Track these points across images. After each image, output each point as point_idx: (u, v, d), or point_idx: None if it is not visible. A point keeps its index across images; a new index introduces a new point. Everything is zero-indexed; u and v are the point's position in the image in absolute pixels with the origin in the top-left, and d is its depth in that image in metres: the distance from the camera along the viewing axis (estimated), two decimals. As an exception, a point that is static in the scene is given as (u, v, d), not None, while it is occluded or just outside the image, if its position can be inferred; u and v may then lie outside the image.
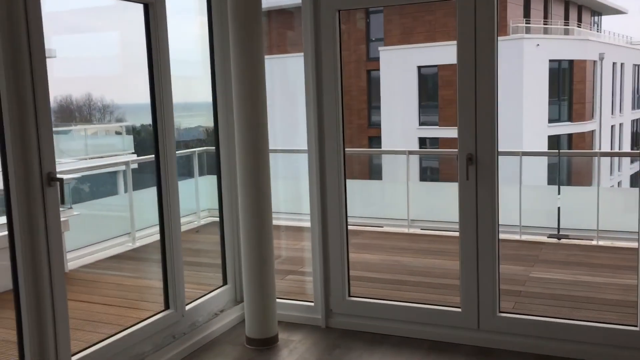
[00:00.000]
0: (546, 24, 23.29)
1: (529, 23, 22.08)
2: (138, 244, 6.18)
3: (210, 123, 4.48)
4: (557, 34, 23.45)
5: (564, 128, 22.20)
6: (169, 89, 3.74)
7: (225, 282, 4.38)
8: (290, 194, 6.08)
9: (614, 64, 24.42)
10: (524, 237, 6.32)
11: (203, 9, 4.22)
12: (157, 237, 3.83)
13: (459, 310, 3.85)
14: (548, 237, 6.31)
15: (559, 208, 6.45)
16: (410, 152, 7.05)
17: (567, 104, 22.56)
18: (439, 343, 3.84)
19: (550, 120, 21.38)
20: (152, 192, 3.81)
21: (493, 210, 3.69)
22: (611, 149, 24.00)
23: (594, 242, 6.09)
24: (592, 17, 28.48)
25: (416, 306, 4.02)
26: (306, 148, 4.11)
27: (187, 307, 3.94)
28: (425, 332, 3.91)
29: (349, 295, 4.16)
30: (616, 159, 22.38)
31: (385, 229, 6.99)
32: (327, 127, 4.05)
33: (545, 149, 20.07)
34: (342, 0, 3.96)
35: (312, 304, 4.25)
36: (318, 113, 4.04)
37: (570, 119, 22.41)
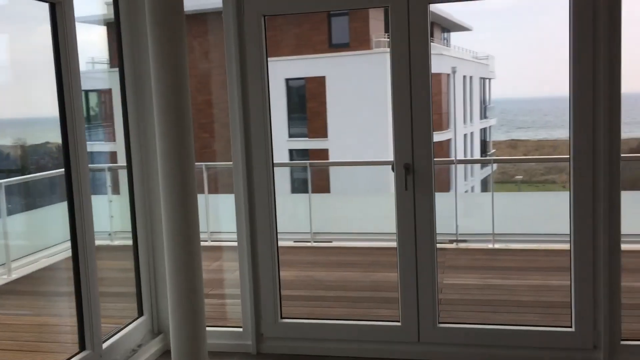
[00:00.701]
0: (403, 40, 24.41)
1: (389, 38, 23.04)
2: (15, 275, 5.47)
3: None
4: (414, 49, 24.63)
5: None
6: (79, 98, 3.31)
7: (141, 313, 3.96)
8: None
9: (464, 77, 26.16)
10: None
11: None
12: (37, 266, 3.34)
13: (399, 324, 3.76)
14: (449, 243, 6.47)
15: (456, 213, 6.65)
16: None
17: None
18: (381, 360, 3.74)
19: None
20: (31, 215, 3.34)
21: (431, 219, 3.64)
22: (464, 156, 25.66)
23: (490, 246, 6.33)
24: (442, 34, 30.41)
25: (353, 323, 3.87)
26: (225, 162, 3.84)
27: (104, 345, 3.49)
28: (365, 349, 3.78)
29: (281, 317, 3.92)
30: (469, 165, 23.98)
31: (289, 243, 6.80)
32: (254, 139, 3.80)
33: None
34: (268, 6, 3.74)
35: (239, 329, 3.96)
36: (244, 125, 3.79)
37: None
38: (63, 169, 3.37)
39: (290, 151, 20.30)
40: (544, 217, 7.26)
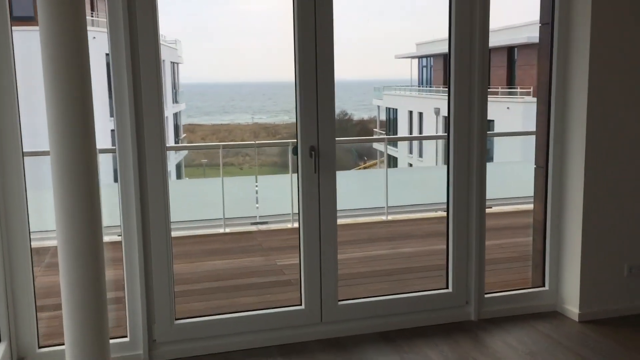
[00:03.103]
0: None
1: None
2: None
3: None
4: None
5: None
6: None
7: (-1, 338, 3.14)
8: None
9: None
10: (229, 230, 6.35)
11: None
12: None
13: (302, 307, 3.72)
14: (251, 225, 6.49)
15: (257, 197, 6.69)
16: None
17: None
18: (287, 346, 3.64)
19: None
20: None
21: (334, 200, 3.69)
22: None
23: (289, 225, 6.55)
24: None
25: (254, 314, 3.69)
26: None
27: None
28: (270, 338, 3.65)
29: (176, 319, 3.52)
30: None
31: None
32: (147, 121, 3.31)
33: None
34: (161, -33, 3.28)
35: (126, 339, 3.43)
36: (135, 104, 3.27)
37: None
38: None
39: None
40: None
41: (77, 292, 2.84)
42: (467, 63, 3.77)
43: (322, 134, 3.59)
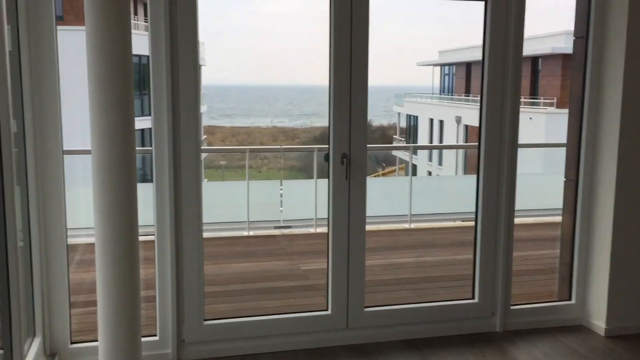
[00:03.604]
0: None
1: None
2: None
3: None
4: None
5: (149, 122, 22.69)
6: None
7: (33, 334, 3.20)
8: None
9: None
10: (252, 232, 6.40)
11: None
12: None
13: (328, 312, 3.75)
14: (274, 229, 6.53)
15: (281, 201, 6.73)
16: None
17: (148, 98, 23.11)
18: (313, 350, 3.67)
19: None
20: None
21: (364, 207, 3.71)
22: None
23: (312, 230, 6.58)
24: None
25: (281, 317, 3.72)
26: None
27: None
28: (296, 342, 3.67)
29: (205, 320, 3.56)
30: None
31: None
32: (183, 122, 3.36)
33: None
34: (203, -28, 3.33)
35: (155, 338, 3.48)
36: (173, 105, 3.32)
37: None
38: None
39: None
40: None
41: (112, 289, 2.89)
42: (500, 73, 3.78)
43: (354, 141, 3.62)
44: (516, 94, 3.81)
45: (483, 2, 3.76)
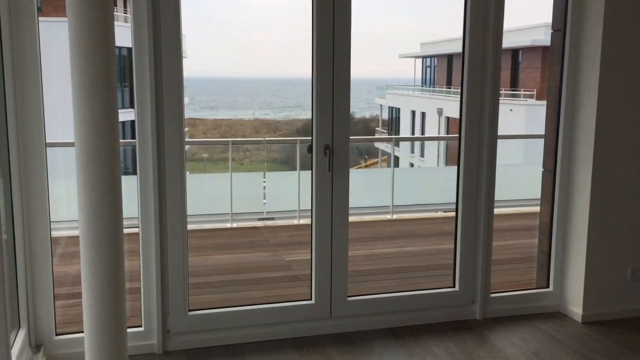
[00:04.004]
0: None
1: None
2: None
3: None
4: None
5: (128, 115, 22.52)
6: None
7: (19, 325, 3.21)
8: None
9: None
10: (236, 224, 6.42)
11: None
12: None
13: (312, 302, 3.80)
14: (258, 221, 6.57)
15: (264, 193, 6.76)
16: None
17: (129, 90, 22.93)
18: (297, 339, 3.72)
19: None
20: None
21: (347, 198, 3.76)
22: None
23: (295, 222, 6.63)
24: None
25: (265, 307, 3.76)
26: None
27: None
28: (280, 331, 3.72)
29: (190, 310, 3.59)
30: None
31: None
32: (167, 114, 3.38)
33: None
34: (185, -35, 3.34)
35: (140, 329, 3.51)
36: (156, 96, 3.34)
37: (132, 105, 22.85)
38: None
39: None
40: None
41: (97, 281, 2.90)
42: (480, 65, 3.84)
43: (336, 132, 3.66)
44: (496, 87, 3.88)
45: (463, -5, 3.82)
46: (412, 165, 15.65)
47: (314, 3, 3.54)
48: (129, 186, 3.42)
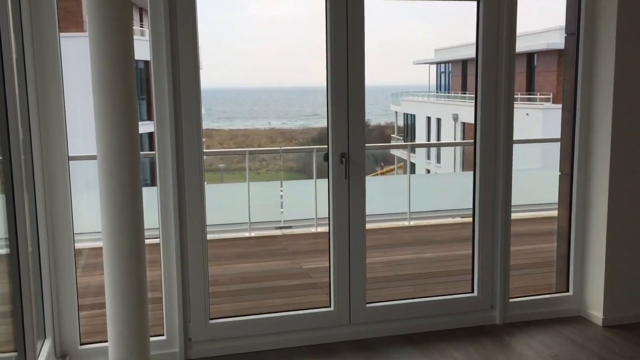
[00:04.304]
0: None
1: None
2: None
3: None
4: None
5: (145, 127, 22.79)
6: None
7: (44, 336, 3.27)
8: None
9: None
10: (254, 233, 6.48)
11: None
12: None
13: (331, 309, 3.83)
14: (275, 229, 6.62)
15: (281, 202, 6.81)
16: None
17: (146, 103, 23.20)
18: (316, 346, 3.75)
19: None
20: None
21: (364, 205, 3.79)
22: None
23: (313, 230, 6.66)
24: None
25: (285, 314, 3.80)
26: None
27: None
28: (300, 338, 3.75)
29: (210, 319, 3.64)
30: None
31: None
32: (185, 125, 3.44)
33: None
34: (201, -21, 3.41)
35: (163, 337, 3.56)
36: (175, 108, 3.40)
37: (149, 117, 23.12)
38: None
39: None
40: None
41: (121, 290, 2.97)
42: (494, 70, 3.85)
43: (352, 140, 3.70)
44: (510, 91, 3.89)
45: (475, 2, 3.85)
46: (428, 171, 15.63)
47: (328, 13, 3.59)
48: (148, 197, 3.48)
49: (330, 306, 3.84)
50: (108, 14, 2.77)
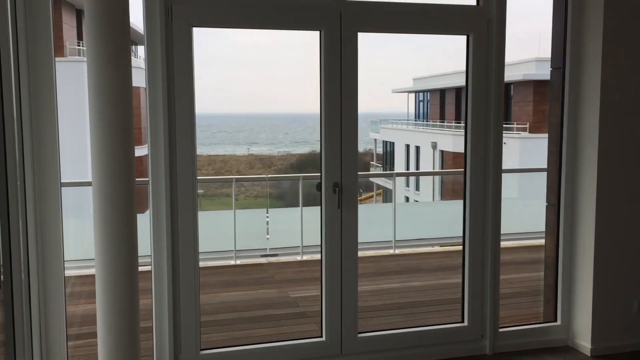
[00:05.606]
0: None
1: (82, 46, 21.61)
2: None
3: None
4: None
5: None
6: None
7: (31, 366, 3.20)
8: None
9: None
10: (239, 262, 6.43)
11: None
12: None
13: (322, 339, 3.80)
14: (261, 257, 6.57)
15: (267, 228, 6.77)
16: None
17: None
18: (308, 377, 3.72)
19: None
20: None
21: (356, 235, 3.80)
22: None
23: (298, 258, 6.63)
24: (132, 47, 29.80)
25: (276, 345, 3.76)
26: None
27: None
28: (291, 369, 3.72)
29: (201, 349, 3.59)
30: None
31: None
32: (180, 156, 3.43)
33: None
34: (197, 18, 3.43)
35: (151, 368, 3.50)
36: (169, 135, 3.40)
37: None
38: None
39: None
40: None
41: (113, 320, 2.92)
42: (484, 101, 3.92)
43: (345, 170, 3.72)
44: (499, 120, 3.96)
45: (465, 36, 3.93)
46: (407, 199, 15.72)
47: (322, 45, 3.62)
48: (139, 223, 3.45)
49: (321, 336, 3.81)
50: (106, 43, 2.77)
